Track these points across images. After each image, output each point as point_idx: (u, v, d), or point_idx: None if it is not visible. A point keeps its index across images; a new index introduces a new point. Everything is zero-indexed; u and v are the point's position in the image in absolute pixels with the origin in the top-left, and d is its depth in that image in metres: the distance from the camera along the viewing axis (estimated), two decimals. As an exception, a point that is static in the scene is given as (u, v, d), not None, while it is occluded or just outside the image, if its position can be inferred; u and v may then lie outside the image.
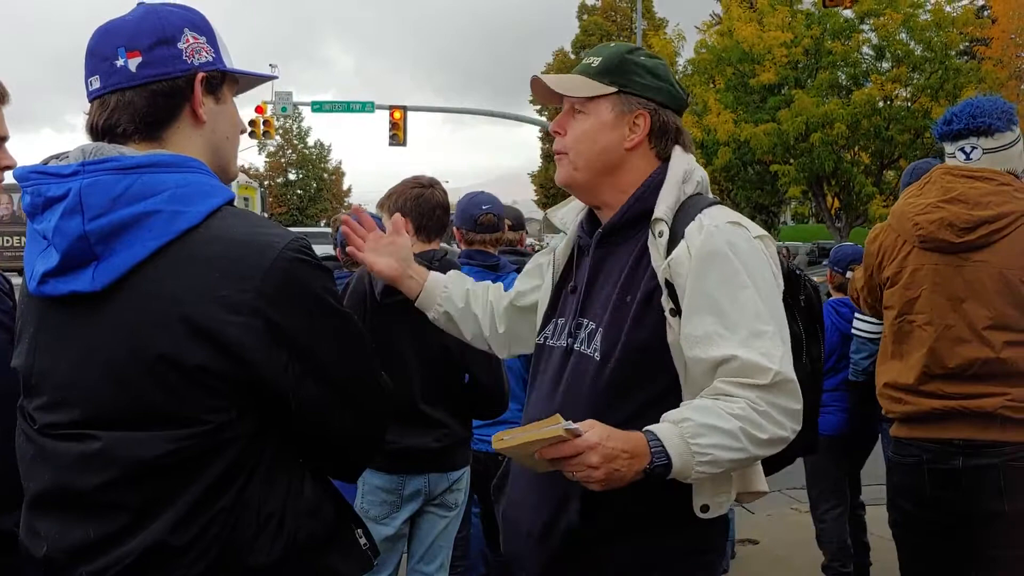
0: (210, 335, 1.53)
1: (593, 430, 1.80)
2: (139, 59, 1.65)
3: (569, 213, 2.40)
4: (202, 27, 1.73)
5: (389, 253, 2.52)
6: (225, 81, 1.77)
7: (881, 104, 26.79)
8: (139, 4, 1.74)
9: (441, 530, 3.66)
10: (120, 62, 1.65)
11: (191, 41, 1.69)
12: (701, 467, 1.85)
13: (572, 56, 46.43)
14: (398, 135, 26.19)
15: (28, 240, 1.66)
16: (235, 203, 1.68)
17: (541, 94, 2.26)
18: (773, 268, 2.05)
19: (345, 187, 59.16)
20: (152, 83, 1.65)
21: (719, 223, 2.02)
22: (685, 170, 2.15)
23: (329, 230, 7.86)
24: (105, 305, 1.57)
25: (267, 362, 1.56)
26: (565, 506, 2.06)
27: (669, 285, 2.00)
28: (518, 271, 4.39)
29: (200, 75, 1.69)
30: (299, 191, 55.29)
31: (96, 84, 1.67)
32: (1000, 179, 2.90)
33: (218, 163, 1.75)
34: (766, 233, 2.09)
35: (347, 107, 27.87)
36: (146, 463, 1.55)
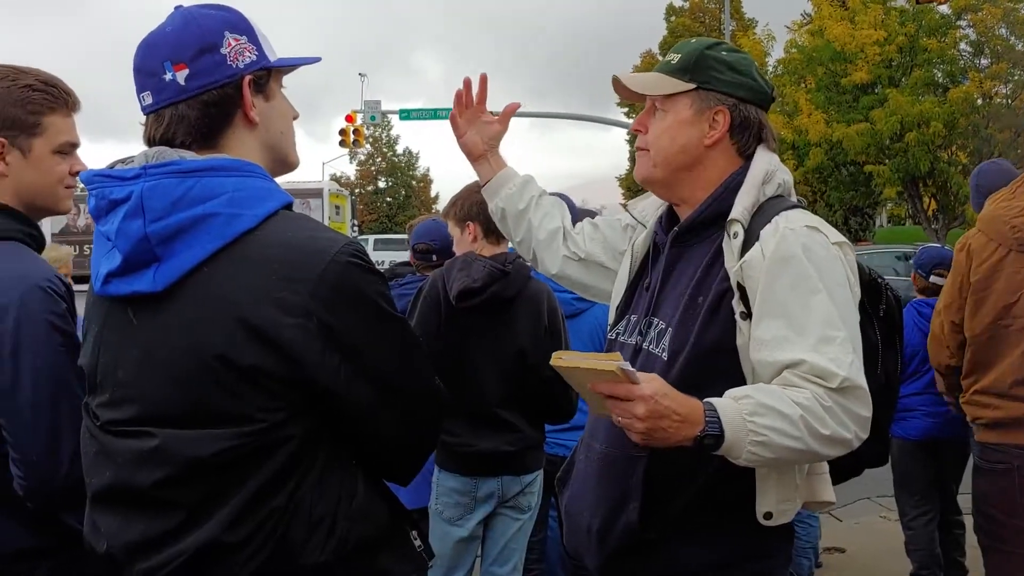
0: (265, 336, 1.56)
1: (651, 383, 1.79)
2: (186, 71, 1.67)
3: (649, 207, 2.38)
4: (241, 26, 1.74)
5: (480, 131, 2.54)
6: (272, 76, 1.78)
7: (980, 102, 25.97)
8: (176, 8, 1.76)
9: (514, 532, 3.67)
10: (168, 76, 1.67)
11: (233, 44, 1.71)
12: (754, 448, 1.81)
13: (660, 58, 46.03)
14: (484, 141, 26.30)
15: (95, 242, 1.71)
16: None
17: (624, 92, 2.26)
18: (850, 275, 2.00)
19: (433, 194, 59.80)
20: (202, 94, 1.68)
21: (795, 226, 1.98)
22: (766, 171, 2.11)
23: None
24: (165, 305, 1.61)
25: (319, 363, 1.58)
26: (624, 505, 2.05)
27: (741, 288, 1.98)
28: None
29: (247, 78, 1.71)
30: (388, 199, 56.09)
31: (148, 100, 1.70)
32: None
33: (277, 157, 1.79)
34: (845, 239, 2.04)
35: (434, 114, 28.13)
36: (201, 461, 1.58)
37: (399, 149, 57.18)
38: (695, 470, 1.99)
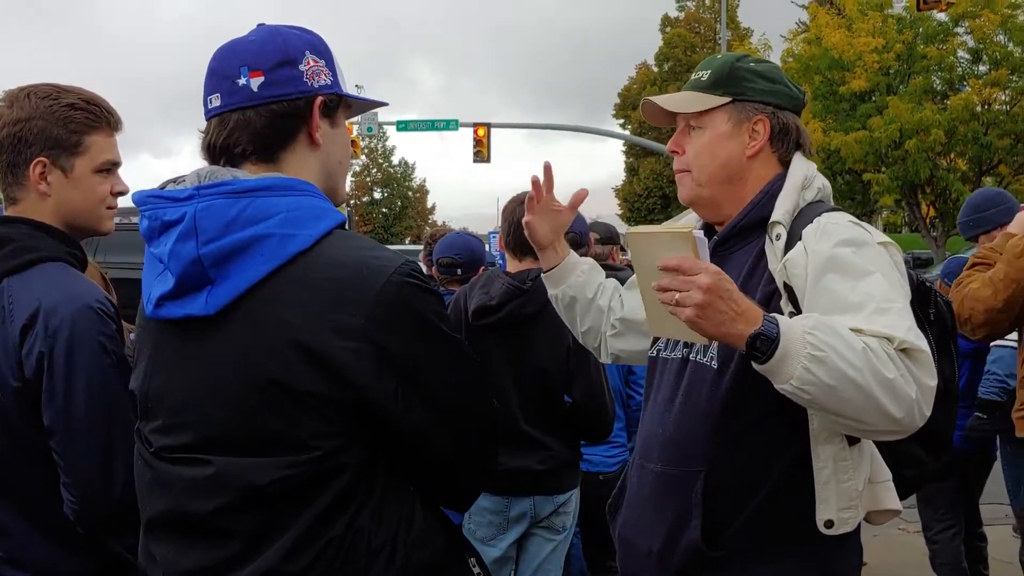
0: (320, 360, 1.51)
1: (718, 268, 1.76)
2: (261, 79, 1.64)
3: (690, 223, 2.34)
4: (322, 50, 1.73)
5: (548, 218, 2.46)
6: (340, 105, 1.76)
7: (979, 109, 26.03)
8: (259, 25, 1.75)
9: (549, 553, 3.61)
10: (242, 81, 1.64)
11: (312, 64, 1.69)
12: (810, 363, 1.70)
13: (655, 69, 46.21)
14: (482, 152, 26.38)
15: (145, 264, 1.67)
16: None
17: (653, 116, 2.24)
18: (898, 266, 1.95)
19: (429, 205, 59.84)
20: (273, 103, 1.65)
21: (839, 221, 1.96)
22: (805, 176, 2.10)
23: (412, 247, 7.96)
24: (218, 329, 1.57)
25: (376, 387, 1.54)
26: (685, 523, 2.01)
27: (788, 288, 1.95)
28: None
29: (319, 98, 1.69)
30: (384, 209, 56.09)
31: (216, 102, 1.67)
32: None
33: (330, 186, 1.74)
34: (892, 241, 2.00)
35: (431, 125, 28.18)
36: (259, 489, 1.54)
37: (395, 160, 57.22)
38: (755, 482, 1.96)
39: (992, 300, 3.05)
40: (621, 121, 46.39)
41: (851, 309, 1.82)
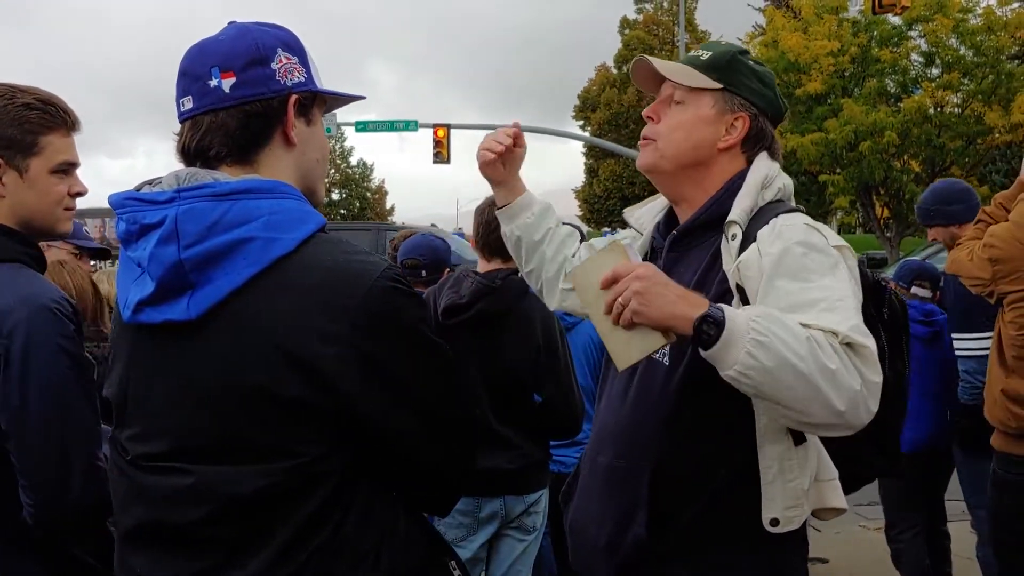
0: (305, 366, 1.49)
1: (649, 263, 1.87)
2: (233, 79, 1.61)
3: (646, 215, 2.35)
4: (295, 47, 1.70)
5: (504, 158, 2.49)
6: (315, 102, 1.73)
7: (932, 111, 26.43)
8: (230, 23, 1.72)
9: (520, 553, 3.61)
10: (214, 82, 1.61)
11: (284, 61, 1.66)
12: (753, 348, 1.70)
13: (614, 71, 46.39)
14: (442, 153, 26.32)
15: (121, 268, 1.64)
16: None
17: (642, 77, 2.23)
18: (851, 276, 1.95)
19: (388, 206, 59.60)
20: (246, 104, 1.62)
21: (794, 223, 1.97)
22: (766, 175, 2.10)
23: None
24: (200, 334, 1.54)
25: (361, 394, 1.52)
26: (632, 518, 2.02)
27: (740, 290, 1.95)
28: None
29: (293, 97, 1.66)
30: (342, 211, 55.77)
31: (188, 104, 1.64)
32: None
33: (307, 186, 1.72)
34: (846, 244, 2.01)
35: (391, 126, 28.04)
36: (241, 498, 1.52)
37: (353, 160, 56.91)
38: (703, 479, 1.97)
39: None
40: (581, 123, 46.52)
41: (800, 307, 1.82)
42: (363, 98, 1.87)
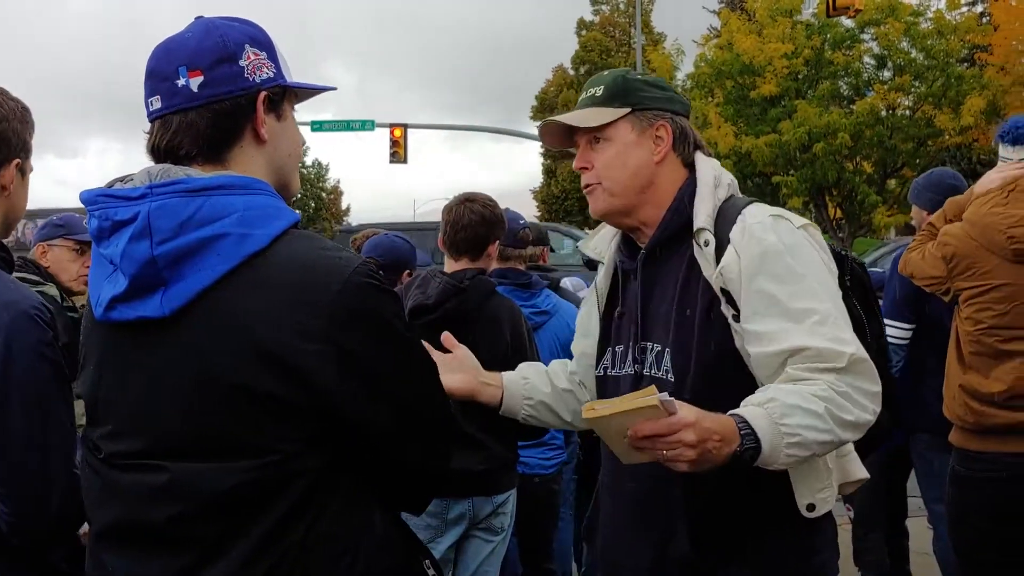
0: (281, 362, 1.49)
1: (686, 408, 1.76)
2: (201, 78, 1.60)
3: (601, 242, 2.38)
4: (263, 41, 1.69)
5: (455, 368, 2.38)
6: (286, 96, 1.73)
7: (884, 113, 26.82)
8: (197, 18, 1.70)
9: (487, 555, 3.60)
10: (181, 82, 1.60)
11: (252, 57, 1.65)
12: (790, 449, 1.82)
13: (571, 72, 46.53)
14: (399, 152, 26.24)
15: (93, 265, 1.63)
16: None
17: (553, 138, 2.29)
18: (822, 254, 2.04)
19: (344, 206, 59.28)
20: (214, 103, 1.61)
21: (761, 219, 2.03)
22: (714, 175, 2.16)
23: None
24: (174, 331, 1.53)
25: (338, 390, 1.52)
26: (672, 536, 2.03)
27: (726, 292, 2.00)
28: (549, 287, 4.35)
29: (262, 93, 1.65)
30: (297, 211, 55.03)
31: (157, 104, 1.63)
32: None
33: (280, 181, 1.71)
34: (809, 221, 2.09)
35: (347, 126, 27.87)
36: (217, 496, 1.51)
37: (308, 160, 56.50)
38: (729, 481, 1.97)
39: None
40: (539, 123, 46.59)
41: (792, 318, 1.91)
42: (334, 88, 1.87)
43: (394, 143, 26.19)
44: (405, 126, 26.58)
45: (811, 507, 2.00)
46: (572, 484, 4.65)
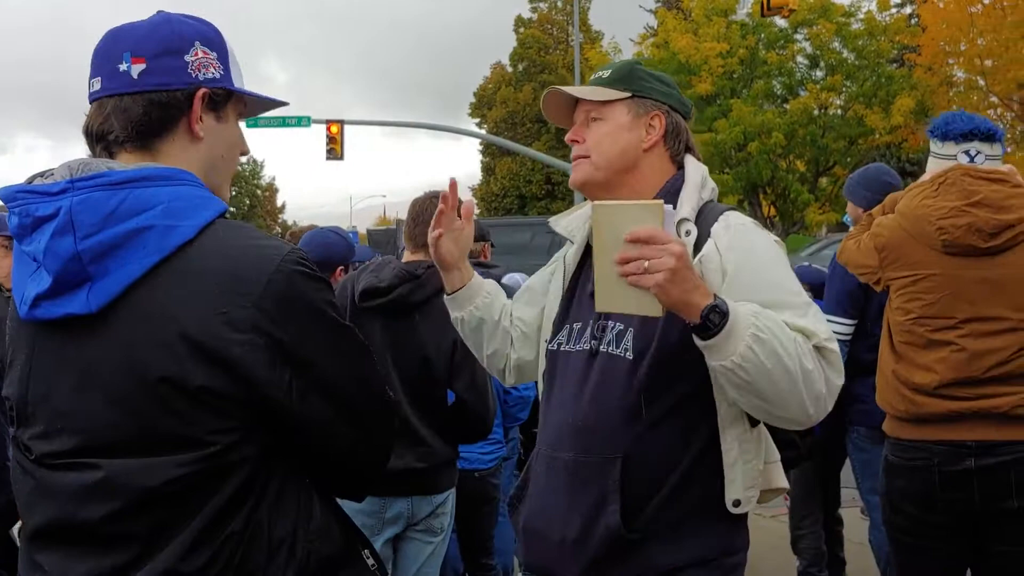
0: (212, 354, 1.47)
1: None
2: (143, 66, 1.60)
3: (575, 221, 2.41)
4: (215, 42, 1.68)
5: (454, 239, 2.40)
6: (231, 100, 1.71)
7: (816, 113, 27.34)
8: (158, 12, 1.70)
9: (428, 556, 3.54)
10: (123, 67, 1.60)
11: (200, 55, 1.65)
12: (752, 342, 1.85)
13: (509, 69, 46.59)
14: (335, 149, 26.00)
15: (15, 263, 1.59)
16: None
17: (554, 108, 2.35)
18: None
19: (279, 203, 58.74)
20: (151, 92, 1.60)
21: (744, 223, 2.14)
22: (703, 176, 2.25)
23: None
24: (102, 326, 1.50)
25: (270, 380, 1.51)
26: (602, 508, 2.06)
27: None
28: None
29: (202, 91, 1.64)
30: (232, 208, 54.09)
31: (97, 86, 1.62)
32: (1013, 180, 2.94)
33: (212, 182, 1.69)
34: (778, 239, 2.20)
35: (282, 122, 27.51)
36: (153, 491, 1.49)
37: (242, 158, 55.79)
38: (669, 466, 2.06)
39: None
40: (477, 120, 46.57)
41: (776, 307, 1.97)
42: (286, 104, 1.86)
43: (331, 139, 25.95)
44: (342, 122, 26.35)
45: (737, 503, 2.06)
46: (513, 480, 4.65)
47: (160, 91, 1.60)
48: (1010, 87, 23.52)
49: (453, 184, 2.38)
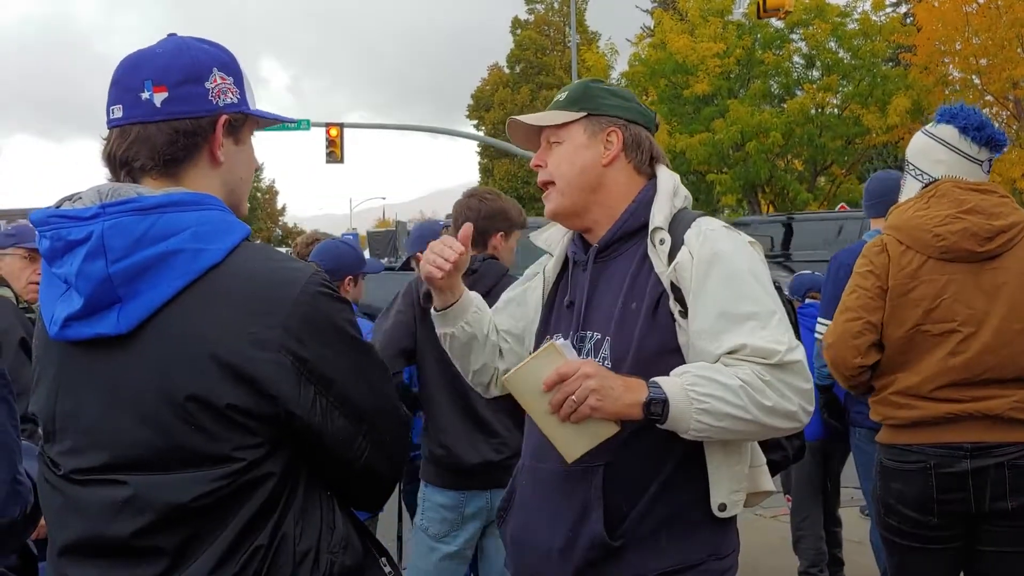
0: (239, 373, 1.53)
1: (588, 359, 2.01)
2: (165, 94, 1.63)
3: (555, 235, 2.45)
4: (231, 67, 1.72)
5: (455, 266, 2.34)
6: (247, 123, 1.76)
7: (813, 112, 27.36)
8: (170, 35, 1.74)
9: None
10: (145, 95, 1.63)
11: (218, 81, 1.69)
12: (701, 416, 1.94)
13: (507, 71, 46.59)
14: (335, 152, 25.98)
15: (44, 284, 1.64)
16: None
17: (519, 136, 2.39)
18: (765, 268, 2.16)
19: (280, 205, 58.66)
20: (175, 120, 1.64)
21: (715, 228, 2.16)
22: (674, 185, 2.28)
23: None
24: (131, 346, 1.56)
25: (296, 397, 1.57)
26: (586, 517, 2.10)
27: (676, 289, 2.10)
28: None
29: (223, 117, 1.69)
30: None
31: (118, 113, 1.66)
32: (1000, 191, 3.02)
33: (232, 202, 1.74)
34: (755, 241, 2.22)
35: (282, 125, 27.46)
36: (182, 506, 1.54)
37: (245, 162, 55.69)
38: (652, 472, 2.09)
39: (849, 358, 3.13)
40: (475, 122, 46.56)
41: (736, 321, 2.03)
42: (294, 121, 1.90)
43: (330, 143, 25.94)
44: (341, 125, 26.35)
45: (723, 507, 2.09)
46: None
47: (184, 119, 1.64)
48: (1005, 86, 23.54)
49: (468, 231, 2.34)
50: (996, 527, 2.93)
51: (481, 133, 42.38)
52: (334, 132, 25.88)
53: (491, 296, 3.40)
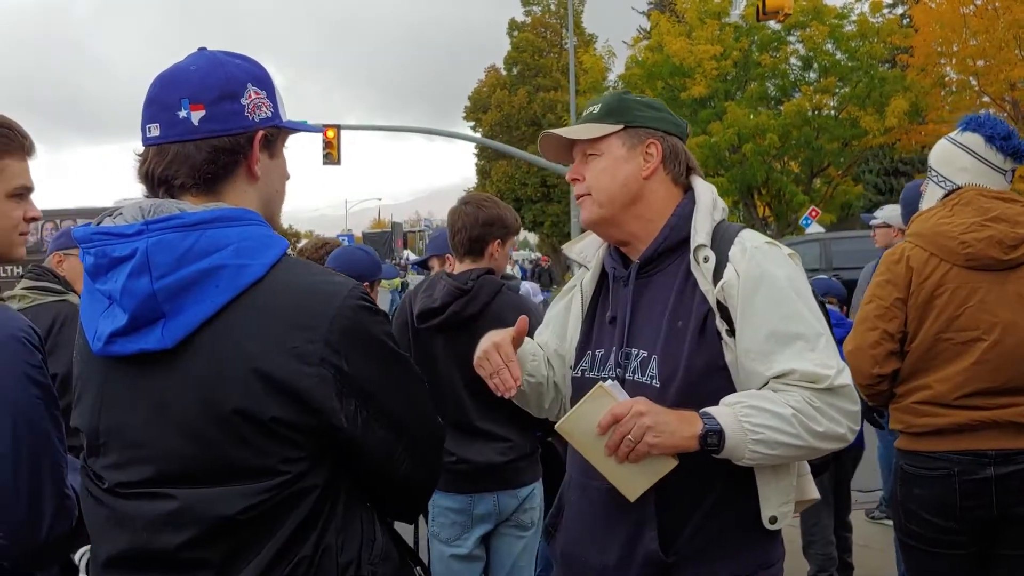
0: (283, 386, 1.55)
1: (639, 397, 1.98)
2: (203, 112, 1.64)
3: (589, 247, 2.45)
4: (264, 81, 1.73)
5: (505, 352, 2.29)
6: (280, 135, 1.78)
7: (810, 114, 27.39)
8: (200, 50, 1.74)
9: (520, 551, 3.60)
10: (183, 113, 1.64)
11: (253, 96, 1.70)
12: (755, 446, 1.96)
13: (504, 73, 46.59)
14: (332, 154, 25.93)
15: (86, 300, 1.66)
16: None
17: (551, 151, 2.37)
18: (807, 284, 2.17)
19: (277, 208, 58.47)
20: (213, 138, 1.65)
21: (759, 245, 2.16)
22: (712, 197, 2.26)
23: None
24: (175, 361, 1.57)
25: (338, 410, 1.58)
26: (640, 535, 2.10)
27: (722, 307, 2.09)
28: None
29: (260, 133, 1.70)
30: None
31: (155, 132, 1.66)
32: (1023, 201, 3.02)
33: (267, 214, 1.75)
34: (794, 252, 2.21)
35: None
36: (227, 519, 1.56)
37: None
38: (703, 489, 2.09)
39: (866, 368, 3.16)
40: (472, 124, 46.55)
41: (784, 341, 2.03)
42: (320, 130, 1.91)
43: (327, 144, 25.90)
44: (339, 127, 26.32)
45: (773, 520, 2.10)
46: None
47: (222, 136, 1.65)
48: (1002, 88, 23.62)
49: (523, 327, 2.28)
50: (1015, 531, 2.95)
51: (478, 135, 42.40)
52: (331, 134, 25.84)
53: (486, 315, 3.44)
